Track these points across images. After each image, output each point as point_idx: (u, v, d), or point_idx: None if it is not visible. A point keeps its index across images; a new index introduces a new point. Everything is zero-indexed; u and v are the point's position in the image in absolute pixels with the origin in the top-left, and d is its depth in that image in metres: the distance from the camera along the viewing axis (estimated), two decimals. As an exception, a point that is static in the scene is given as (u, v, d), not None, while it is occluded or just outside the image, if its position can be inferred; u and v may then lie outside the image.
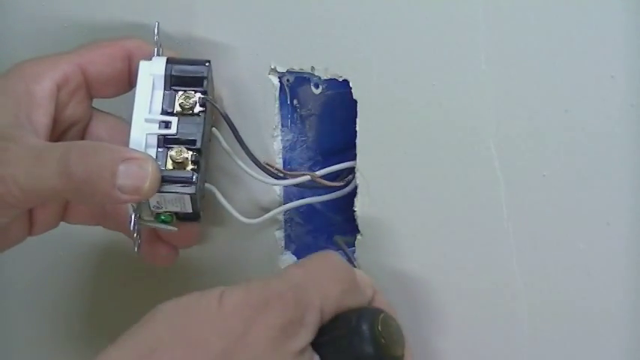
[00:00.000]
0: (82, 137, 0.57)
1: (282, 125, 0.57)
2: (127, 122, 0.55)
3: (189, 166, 0.54)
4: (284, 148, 0.58)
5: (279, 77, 0.56)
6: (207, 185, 0.57)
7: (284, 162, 0.58)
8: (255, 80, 0.57)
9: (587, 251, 0.46)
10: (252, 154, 0.56)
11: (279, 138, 0.57)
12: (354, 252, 0.55)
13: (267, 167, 0.56)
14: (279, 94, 0.57)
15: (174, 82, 0.55)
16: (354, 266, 0.54)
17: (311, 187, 0.57)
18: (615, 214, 0.45)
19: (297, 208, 0.58)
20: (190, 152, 0.54)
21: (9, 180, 0.51)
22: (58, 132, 0.56)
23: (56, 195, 0.52)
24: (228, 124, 0.56)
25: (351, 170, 0.55)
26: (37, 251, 0.57)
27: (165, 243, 0.58)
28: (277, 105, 0.57)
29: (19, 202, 0.52)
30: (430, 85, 0.50)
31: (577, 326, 0.47)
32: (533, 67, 0.46)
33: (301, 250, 0.58)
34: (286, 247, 0.58)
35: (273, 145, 0.57)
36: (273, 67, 0.56)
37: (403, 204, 0.52)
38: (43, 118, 0.54)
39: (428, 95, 0.50)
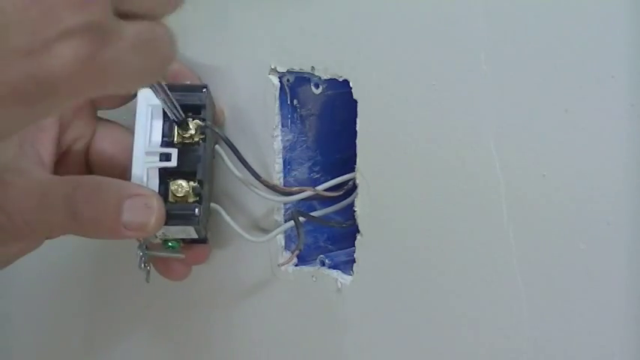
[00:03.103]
0: (86, 152, 0.57)
1: (282, 125, 0.57)
2: (130, 132, 0.55)
3: (192, 198, 0.53)
4: (284, 148, 0.57)
5: (279, 77, 0.56)
6: (212, 205, 0.57)
7: (284, 162, 0.58)
8: (255, 80, 0.57)
9: (587, 251, 0.46)
10: (257, 173, 0.56)
11: (279, 138, 0.57)
12: (353, 251, 0.55)
13: (267, 184, 0.56)
14: (279, 94, 0.57)
15: None
16: (300, 249, 0.55)
17: (313, 200, 0.57)
18: (615, 214, 0.45)
19: (297, 208, 0.58)
20: (191, 184, 0.53)
21: (16, 217, 0.51)
22: (63, 149, 0.56)
23: (63, 232, 0.52)
24: (230, 147, 0.55)
25: (352, 178, 0.55)
26: (37, 250, 0.57)
27: (178, 261, 0.58)
28: (277, 105, 0.57)
29: (26, 237, 0.52)
30: (430, 85, 0.50)
31: (577, 326, 0.47)
32: (533, 67, 0.46)
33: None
34: (286, 248, 0.58)
35: (273, 145, 0.57)
36: (273, 67, 0.56)
37: (403, 204, 0.52)
38: (47, 144, 0.54)
39: (428, 95, 0.50)
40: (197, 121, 0.54)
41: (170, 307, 0.66)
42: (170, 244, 0.56)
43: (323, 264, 0.57)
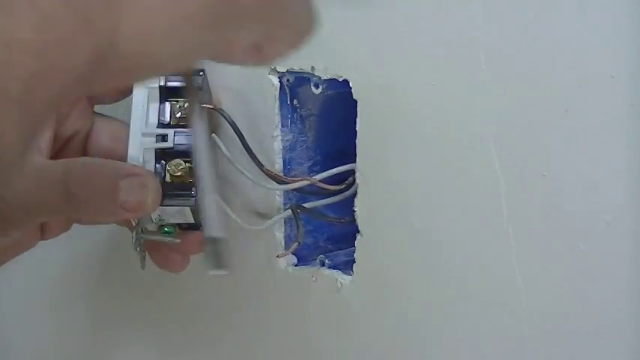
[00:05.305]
0: (84, 145, 0.57)
1: (282, 125, 0.57)
2: (128, 126, 0.55)
3: (189, 178, 0.54)
4: (284, 148, 0.57)
5: (279, 77, 0.56)
6: None
7: (284, 162, 0.58)
8: (255, 80, 0.57)
9: (587, 251, 0.46)
10: (258, 159, 0.55)
11: (279, 138, 0.57)
12: (353, 252, 0.55)
13: (269, 172, 0.56)
14: (279, 94, 0.57)
15: (169, 93, 0.54)
16: (299, 242, 0.55)
17: (312, 193, 0.57)
18: (615, 214, 0.45)
19: (297, 203, 0.58)
20: (188, 164, 0.54)
21: (12, 202, 0.51)
22: (60, 143, 0.56)
23: (60, 215, 0.52)
24: (234, 130, 0.55)
25: (352, 172, 0.55)
26: (38, 251, 0.57)
27: (175, 250, 0.58)
28: (277, 105, 0.57)
29: (22, 223, 0.52)
30: (430, 85, 0.50)
31: (577, 326, 0.47)
32: (533, 67, 0.46)
33: (301, 250, 0.58)
34: (286, 248, 0.58)
35: (273, 145, 0.57)
36: (273, 67, 0.56)
37: (403, 204, 0.52)
38: (45, 134, 0.54)
39: (428, 95, 0.50)
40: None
41: (169, 307, 0.66)
42: (166, 229, 0.56)
43: (323, 264, 0.57)
